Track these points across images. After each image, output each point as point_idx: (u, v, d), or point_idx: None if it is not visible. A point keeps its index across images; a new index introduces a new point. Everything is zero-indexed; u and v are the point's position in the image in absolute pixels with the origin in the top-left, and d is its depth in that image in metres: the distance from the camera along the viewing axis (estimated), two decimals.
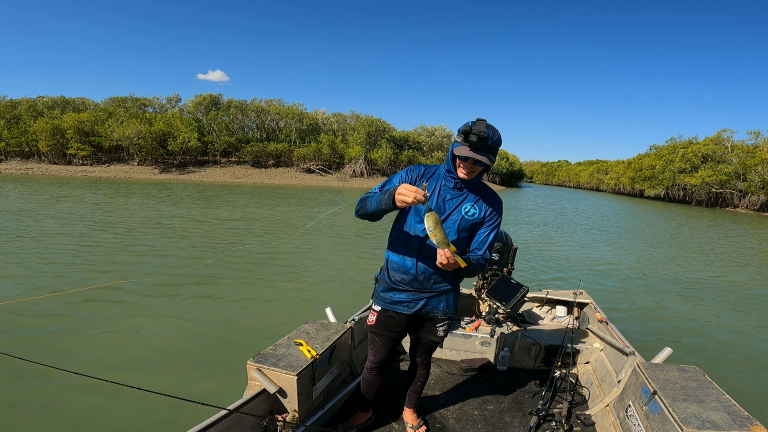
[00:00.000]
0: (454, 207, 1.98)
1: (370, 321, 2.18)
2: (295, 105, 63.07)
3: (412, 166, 2.06)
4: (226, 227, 13.22)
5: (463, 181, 1.96)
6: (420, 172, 2.03)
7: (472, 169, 1.88)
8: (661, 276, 10.06)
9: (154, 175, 46.52)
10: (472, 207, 1.98)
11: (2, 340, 4.59)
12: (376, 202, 1.83)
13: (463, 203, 1.98)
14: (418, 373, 2.40)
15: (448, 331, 2.23)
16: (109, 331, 4.90)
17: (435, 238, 1.71)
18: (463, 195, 1.99)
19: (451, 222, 1.97)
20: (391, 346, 2.20)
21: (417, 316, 2.13)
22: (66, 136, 47.72)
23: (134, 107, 56.97)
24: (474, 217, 1.98)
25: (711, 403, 1.96)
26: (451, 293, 2.12)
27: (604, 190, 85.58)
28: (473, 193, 2.01)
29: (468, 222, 1.98)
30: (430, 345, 2.27)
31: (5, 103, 53.94)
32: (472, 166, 1.86)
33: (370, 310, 2.19)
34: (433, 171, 2.04)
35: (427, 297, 2.06)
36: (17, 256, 8.12)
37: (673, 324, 6.51)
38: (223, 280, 7.15)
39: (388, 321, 2.12)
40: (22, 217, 12.94)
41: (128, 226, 12.42)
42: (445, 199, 1.99)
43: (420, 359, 2.36)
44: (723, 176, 47.08)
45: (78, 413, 3.36)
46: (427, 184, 1.95)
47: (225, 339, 4.88)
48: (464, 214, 1.97)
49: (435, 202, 1.98)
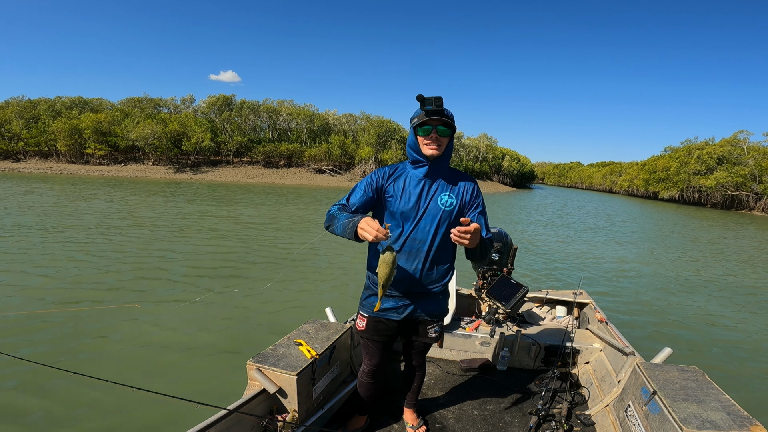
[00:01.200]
0: (428, 201, 1.91)
1: (359, 326, 2.11)
2: (307, 106, 63.67)
3: (378, 169, 2.00)
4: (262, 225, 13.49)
5: (431, 163, 1.89)
6: (385, 173, 1.97)
7: (437, 141, 1.82)
8: (661, 276, 10.02)
9: (168, 174, 47.27)
10: (448, 196, 1.92)
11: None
12: (341, 229, 1.73)
13: (437, 194, 1.91)
14: (414, 374, 2.38)
15: (440, 332, 2.18)
16: (110, 331, 4.91)
17: (379, 274, 1.69)
18: (436, 185, 1.93)
19: (430, 216, 1.90)
20: (384, 349, 2.16)
21: (407, 321, 2.07)
22: (84, 136, 48.79)
23: (149, 107, 57.99)
24: (452, 206, 1.92)
25: (711, 403, 1.95)
26: (439, 295, 2.07)
27: (618, 192, 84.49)
28: (445, 181, 1.94)
29: (447, 212, 1.91)
30: (423, 347, 2.24)
31: (24, 103, 55.26)
32: (437, 137, 1.81)
33: (359, 316, 2.12)
34: (400, 169, 1.98)
35: (415, 301, 2.00)
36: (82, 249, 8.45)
37: (673, 324, 6.50)
38: (222, 280, 7.15)
39: (378, 326, 2.05)
40: (99, 218, 13.38)
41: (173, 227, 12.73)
42: (419, 195, 1.91)
43: (414, 361, 2.33)
44: (739, 178, 46.16)
45: (78, 413, 3.36)
46: (390, 225, 1.88)
47: (225, 339, 4.87)
48: (441, 206, 1.90)
49: (407, 200, 1.90)
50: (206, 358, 4.39)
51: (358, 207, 1.91)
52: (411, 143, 1.90)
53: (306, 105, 63.88)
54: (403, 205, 1.90)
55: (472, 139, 77.07)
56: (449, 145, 1.90)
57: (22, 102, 55.92)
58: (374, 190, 1.94)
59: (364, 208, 1.93)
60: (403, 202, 1.90)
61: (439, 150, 1.85)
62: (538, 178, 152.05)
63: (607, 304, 7.00)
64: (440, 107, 1.73)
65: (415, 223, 1.90)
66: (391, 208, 1.93)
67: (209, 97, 58.11)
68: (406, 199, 1.90)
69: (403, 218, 1.91)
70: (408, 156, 1.96)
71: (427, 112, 1.74)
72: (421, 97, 1.71)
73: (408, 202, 1.90)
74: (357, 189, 1.95)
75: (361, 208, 1.92)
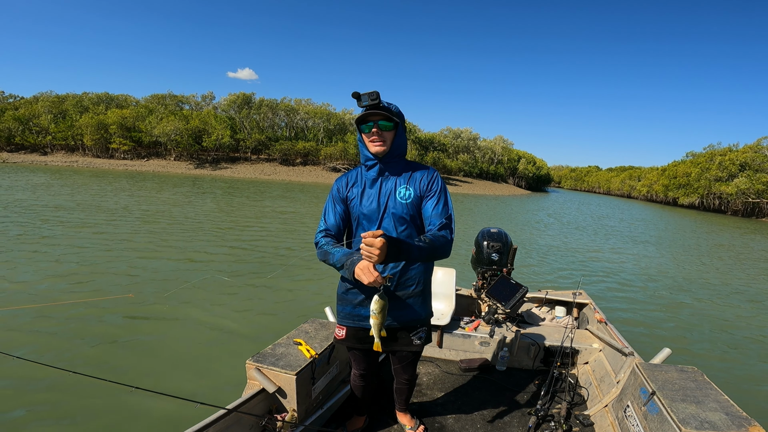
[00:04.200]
0: (387, 198, 1.85)
1: (338, 335, 2.01)
2: (324, 105, 64.36)
3: (338, 179, 1.97)
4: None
5: (381, 161, 1.84)
6: (344, 182, 1.94)
7: (380, 136, 1.77)
8: (661, 276, 10.01)
9: (189, 170, 48.21)
10: (405, 189, 1.85)
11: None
12: (339, 266, 1.70)
13: (395, 189, 1.85)
14: (402, 382, 2.24)
15: (426, 336, 2.03)
16: (109, 331, 4.87)
17: (373, 321, 1.71)
18: (392, 180, 1.87)
19: (390, 214, 1.84)
20: (369, 356, 2.11)
21: (388, 330, 1.90)
22: (109, 131, 50.31)
23: (172, 104, 59.47)
24: (410, 198, 1.84)
25: (709, 403, 1.94)
26: (420, 296, 1.96)
27: (636, 197, 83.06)
28: (400, 175, 1.88)
29: (406, 206, 1.84)
30: (411, 357, 2.09)
31: (52, 98, 57.25)
32: (380, 132, 1.76)
33: (337, 326, 2.04)
34: (356, 174, 1.94)
35: (393, 307, 1.89)
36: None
37: (672, 324, 6.49)
38: (220, 280, 7.07)
39: (358, 334, 1.97)
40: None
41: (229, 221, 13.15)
42: (378, 195, 1.86)
43: (402, 371, 2.16)
44: (760, 185, 44.87)
45: (77, 413, 3.34)
46: (392, 276, 1.85)
47: (224, 338, 4.84)
48: (400, 200, 1.84)
49: (368, 202, 1.86)
50: (205, 358, 4.37)
51: (338, 224, 1.89)
52: (360, 146, 1.88)
53: (323, 104, 64.70)
54: (365, 207, 1.87)
55: (487, 141, 76.83)
56: (399, 139, 1.83)
57: (50, 97, 57.96)
58: (341, 201, 1.92)
59: (344, 222, 1.92)
60: (364, 205, 1.87)
61: (385, 145, 1.79)
62: (554, 181, 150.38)
63: (605, 304, 6.99)
64: (375, 101, 1.67)
65: (377, 224, 1.86)
66: (355, 213, 1.90)
67: (229, 95, 59.40)
68: (366, 202, 1.87)
69: (367, 221, 1.88)
70: (361, 158, 1.92)
71: (365, 108, 1.71)
72: (357, 94, 1.67)
73: (369, 205, 1.86)
74: (327, 208, 1.93)
75: (341, 224, 1.90)
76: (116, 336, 4.71)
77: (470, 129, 70.16)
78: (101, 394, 3.54)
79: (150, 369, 4.11)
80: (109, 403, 3.46)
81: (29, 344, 4.42)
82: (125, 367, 4.10)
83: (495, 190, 60.18)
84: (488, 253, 3.52)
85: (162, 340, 4.73)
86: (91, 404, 3.44)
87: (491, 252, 3.51)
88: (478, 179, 67.95)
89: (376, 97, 1.66)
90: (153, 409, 3.38)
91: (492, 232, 3.63)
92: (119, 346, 4.48)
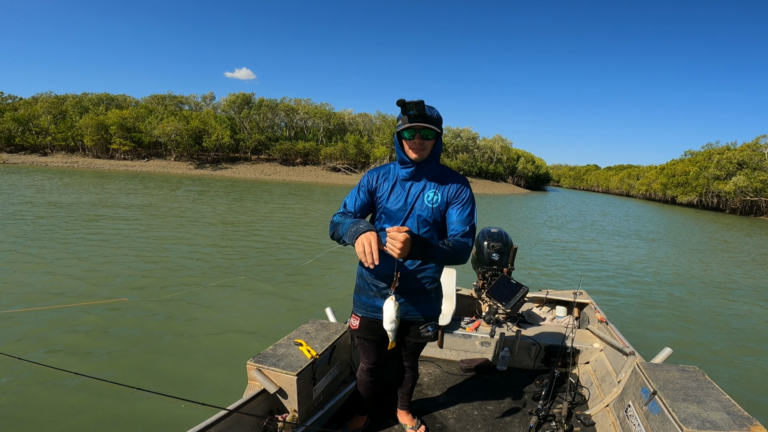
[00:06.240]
0: (414, 199, 1.89)
1: (353, 325, 2.10)
2: (323, 105, 64.28)
3: (371, 170, 2.00)
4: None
5: (417, 165, 1.86)
6: (376, 174, 1.98)
7: (421, 145, 1.80)
8: (661, 276, 10.01)
9: (189, 170, 48.22)
10: (434, 193, 1.88)
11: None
12: (344, 230, 1.71)
13: (424, 192, 1.89)
14: (405, 375, 2.33)
15: (435, 331, 2.12)
16: (109, 332, 4.87)
17: (390, 325, 1.73)
18: (423, 183, 1.90)
19: (416, 215, 1.89)
20: (380, 348, 2.15)
21: (402, 323, 2.00)
22: (110, 131, 50.27)
23: (172, 105, 59.49)
24: (437, 203, 1.88)
25: (711, 403, 1.94)
26: (432, 293, 2.05)
27: (635, 195, 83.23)
28: (432, 179, 1.91)
29: (432, 210, 1.88)
30: (416, 347, 2.21)
31: (52, 99, 57.14)
32: (421, 140, 1.79)
33: (353, 315, 2.11)
34: (389, 169, 1.98)
35: (408, 301, 1.98)
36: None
37: (673, 324, 6.47)
38: (220, 280, 7.08)
39: (371, 325, 2.03)
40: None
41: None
42: (406, 194, 1.90)
43: (406, 362, 2.28)
44: (758, 184, 44.88)
45: (78, 413, 3.33)
46: (400, 275, 1.86)
47: (225, 339, 4.84)
48: (427, 203, 1.88)
49: (395, 200, 1.90)
50: (206, 358, 4.38)
51: (356, 212, 1.94)
52: (397, 146, 1.91)
53: (322, 104, 64.61)
54: (391, 204, 1.91)
55: (486, 140, 76.86)
56: (436, 146, 1.87)
57: (49, 98, 57.82)
58: (368, 193, 1.96)
59: (362, 212, 1.95)
60: (391, 202, 1.91)
61: (424, 153, 1.83)
62: (554, 180, 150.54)
63: (606, 304, 6.98)
64: (421, 111, 1.70)
65: (401, 223, 1.89)
66: (381, 209, 1.94)
67: (229, 95, 59.42)
68: (394, 200, 1.91)
69: (392, 218, 1.92)
70: (396, 156, 1.95)
71: (410, 117, 1.74)
72: (402, 102, 1.69)
73: (396, 203, 1.90)
74: (352, 194, 1.97)
75: (359, 212, 1.94)
76: (116, 337, 4.71)
77: (470, 128, 70.19)
78: (102, 395, 3.54)
79: (150, 370, 4.10)
80: (110, 404, 3.46)
81: (29, 344, 4.42)
82: (125, 367, 4.10)
83: (494, 189, 60.19)
84: (489, 253, 3.52)
85: (162, 340, 4.72)
86: (91, 405, 3.44)
87: (492, 252, 3.52)
88: (478, 178, 67.95)
89: (422, 107, 1.69)
90: (154, 409, 3.39)
91: (492, 232, 3.65)
92: (119, 347, 4.48)
